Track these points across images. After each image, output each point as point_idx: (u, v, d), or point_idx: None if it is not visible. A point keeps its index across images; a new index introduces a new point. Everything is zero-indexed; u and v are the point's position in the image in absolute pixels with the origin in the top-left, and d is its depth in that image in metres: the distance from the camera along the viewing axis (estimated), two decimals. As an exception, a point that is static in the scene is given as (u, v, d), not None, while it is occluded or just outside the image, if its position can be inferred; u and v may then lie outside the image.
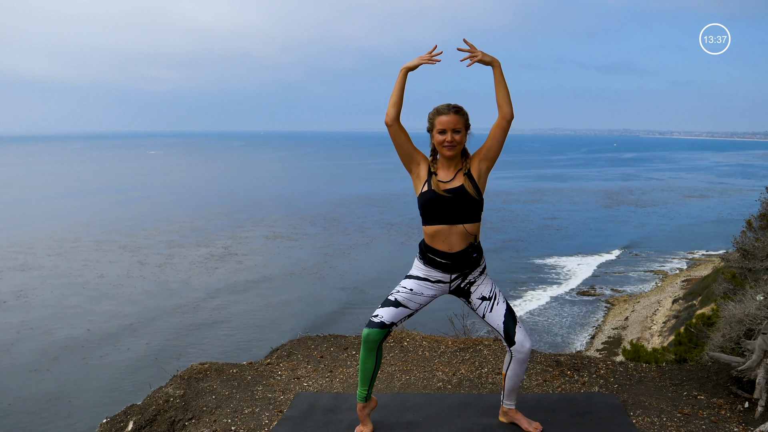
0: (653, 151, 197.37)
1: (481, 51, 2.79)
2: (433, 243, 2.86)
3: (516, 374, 2.94)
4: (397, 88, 2.82)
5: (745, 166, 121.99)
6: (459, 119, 2.81)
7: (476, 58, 2.78)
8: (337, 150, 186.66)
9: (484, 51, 2.80)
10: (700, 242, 39.07)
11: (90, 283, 28.00)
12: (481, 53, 2.78)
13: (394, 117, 2.81)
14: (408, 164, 2.91)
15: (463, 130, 2.83)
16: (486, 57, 2.78)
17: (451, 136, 2.79)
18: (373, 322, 2.87)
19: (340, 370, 4.14)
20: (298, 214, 48.58)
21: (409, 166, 2.92)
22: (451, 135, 2.79)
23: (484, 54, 2.78)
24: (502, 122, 2.84)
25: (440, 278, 2.89)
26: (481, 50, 2.80)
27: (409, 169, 2.92)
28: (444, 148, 2.82)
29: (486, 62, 2.79)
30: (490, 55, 2.79)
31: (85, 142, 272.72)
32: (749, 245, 5.10)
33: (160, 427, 3.52)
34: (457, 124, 2.80)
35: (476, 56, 2.78)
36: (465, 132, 2.85)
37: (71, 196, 58.91)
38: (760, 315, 3.67)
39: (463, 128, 2.82)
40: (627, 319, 24.28)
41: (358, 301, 25.03)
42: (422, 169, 2.89)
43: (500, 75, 2.81)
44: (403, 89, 2.83)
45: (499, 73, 2.81)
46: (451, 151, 2.82)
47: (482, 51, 2.79)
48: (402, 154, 2.90)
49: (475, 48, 2.79)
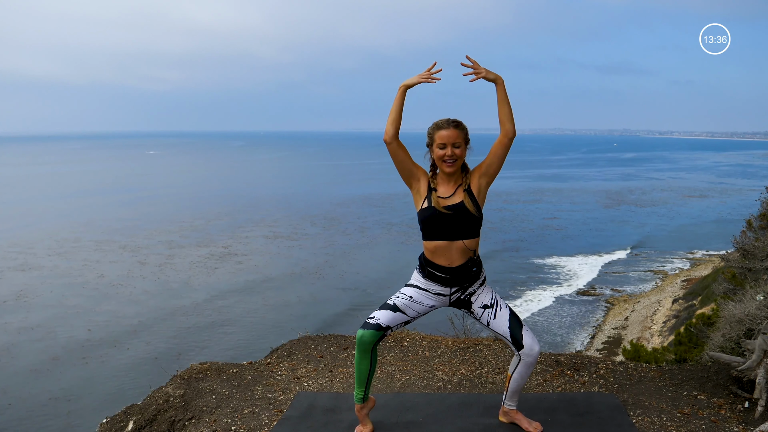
0: (653, 151, 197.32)
1: (484, 68, 2.80)
2: (433, 258, 2.87)
3: (522, 376, 2.95)
4: (396, 105, 2.82)
5: (745, 166, 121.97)
6: (459, 134, 2.81)
7: (480, 75, 2.80)
8: (337, 150, 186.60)
9: (488, 63, 2.81)
10: (700, 242, 39.06)
11: (90, 283, 27.99)
12: (485, 70, 2.79)
13: (393, 135, 2.81)
14: (408, 180, 2.91)
15: (463, 144, 2.83)
16: (490, 74, 2.79)
17: (451, 151, 2.79)
18: (368, 324, 2.87)
19: (340, 370, 4.14)
20: (298, 214, 48.56)
21: (409, 182, 2.92)
22: (451, 149, 2.79)
23: (488, 71, 2.80)
24: (503, 140, 2.84)
25: (440, 291, 2.90)
26: (485, 68, 2.81)
27: (409, 184, 2.92)
28: (444, 164, 2.82)
29: (490, 79, 2.80)
30: (494, 73, 2.80)
31: (85, 142, 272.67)
32: (749, 245, 5.10)
33: (160, 427, 3.52)
34: (457, 139, 2.80)
35: (480, 73, 2.80)
36: (465, 146, 2.85)
37: (71, 196, 58.88)
38: (760, 315, 3.67)
39: (462, 143, 2.83)
40: (627, 319, 24.27)
41: (358, 301, 24.99)
42: (422, 184, 2.90)
43: (503, 92, 2.82)
44: (401, 106, 2.83)
45: (502, 90, 2.81)
46: (452, 167, 2.82)
47: (486, 68, 2.80)
48: (402, 171, 2.90)
49: (479, 65, 2.80)
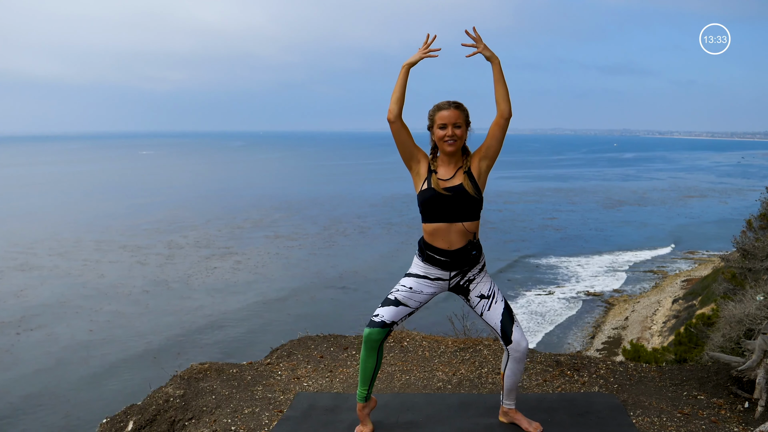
0: (653, 151, 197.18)
1: (484, 44, 2.80)
2: (433, 240, 2.86)
3: (514, 373, 2.94)
4: (399, 84, 2.81)
5: (745, 166, 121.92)
6: (459, 114, 2.80)
7: (479, 49, 2.79)
8: (337, 150, 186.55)
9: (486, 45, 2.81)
10: (700, 242, 39.04)
11: (90, 283, 27.99)
12: (484, 45, 2.79)
13: (396, 113, 2.80)
14: (408, 161, 2.91)
15: (464, 125, 2.83)
16: (487, 51, 2.79)
17: (451, 131, 2.78)
18: (374, 322, 2.87)
19: (340, 370, 4.14)
20: (298, 214, 48.54)
21: (409, 164, 2.91)
22: (451, 129, 2.79)
23: (486, 47, 2.79)
24: (500, 120, 2.84)
25: (439, 275, 2.89)
26: (485, 43, 2.80)
27: (409, 166, 2.92)
28: (445, 143, 2.81)
29: (486, 56, 2.80)
30: (491, 50, 2.79)
31: (86, 142, 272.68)
32: (749, 245, 5.10)
33: (160, 427, 3.52)
34: (458, 119, 2.80)
35: (479, 48, 2.79)
36: (465, 128, 2.84)
37: (71, 196, 58.89)
38: (760, 315, 3.67)
39: (463, 123, 2.82)
40: (627, 319, 24.26)
41: (358, 301, 25.00)
42: (422, 166, 2.89)
43: (499, 72, 2.81)
44: (405, 85, 2.82)
45: (498, 69, 2.81)
46: (452, 146, 2.81)
47: (485, 44, 2.80)
48: (403, 151, 2.89)
49: (481, 39, 2.80)
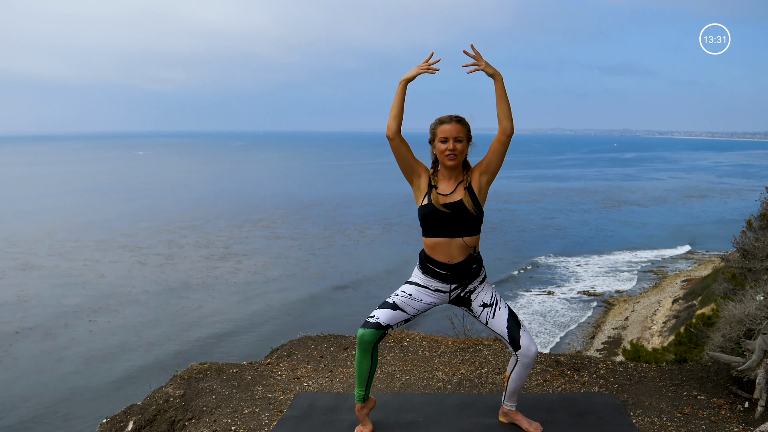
0: (654, 151, 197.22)
1: (485, 61, 2.77)
2: (433, 254, 2.86)
3: (520, 377, 2.95)
4: (397, 100, 2.80)
5: (745, 166, 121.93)
6: (461, 128, 2.80)
7: (480, 67, 2.77)
8: (338, 150, 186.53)
9: (488, 61, 2.78)
10: (700, 242, 39.08)
11: (90, 283, 28.00)
12: (485, 63, 2.77)
13: (395, 131, 2.80)
14: (409, 176, 2.90)
15: (465, 140, 2.82)
16: (489, 68, 2.77)
17: (453, 145, 2.78)
18: (368, 323, 2.87)
19: (340, 370, 4.14)
20: (299, 214, 48.56)
21: (410, 178, 2.91)
22: (453, 143, 2.78)
23: (488, 65, 2.77)
24: (501, 137, 2.82)
25: (440, 288, 2.89)
26: (486, 60, 2.78)
27: (410, 180, 2.91)
28: (446, 157, 2.80)
29: (489, 73, 2.78)
30: (494, 67, 2.77)
31: (86, 142, 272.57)
32: (749, 245, 5.09)
33: (160, 427, 3.52)
34: (459, 133, 2.79)
35: (480, 65, 2.77)
36: (467, 142, 2.84)
37: (71, 196, 58.88)
38: (760, 315, 3.67)
39: (464, 138, 2.81)
40: (627, 319, 24.26)
41: (358, 301, 25.02)
42: (423, 181, 2.89)
43: (502, 89, 2.79)
44: (403, 102, 2.81)
45: (500, 86, 2.79)
46: (453, 161, 2.80)
47: (486, 61, 2.77)
48: (403, 166, 2.89)
49: (481, 57, 2.77)
